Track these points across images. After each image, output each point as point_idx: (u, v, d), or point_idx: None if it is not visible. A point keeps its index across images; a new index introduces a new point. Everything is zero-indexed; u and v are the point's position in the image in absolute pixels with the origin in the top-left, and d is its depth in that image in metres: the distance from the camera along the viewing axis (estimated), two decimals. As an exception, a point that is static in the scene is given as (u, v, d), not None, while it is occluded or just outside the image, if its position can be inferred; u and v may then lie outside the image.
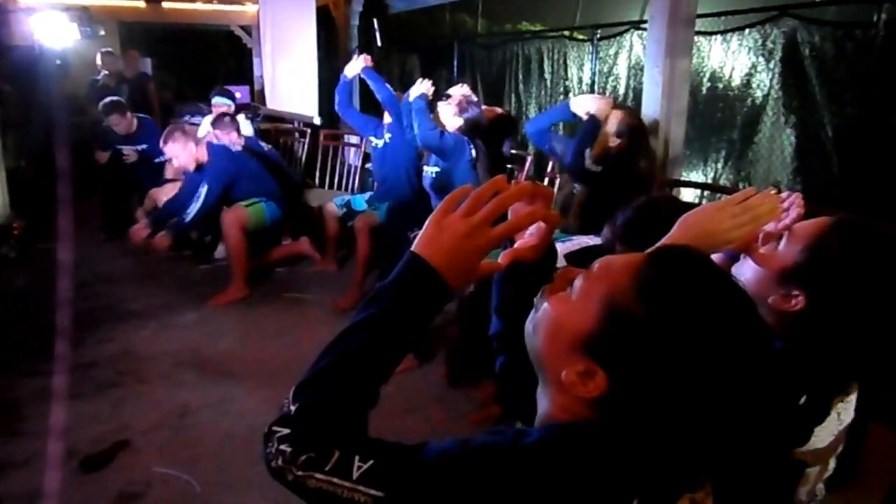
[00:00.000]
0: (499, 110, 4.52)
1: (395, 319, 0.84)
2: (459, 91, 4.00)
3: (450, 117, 3.94)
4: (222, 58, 10.34)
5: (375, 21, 6.33)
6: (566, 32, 6.67)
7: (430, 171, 4.04)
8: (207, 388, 3.47)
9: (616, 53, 6.12)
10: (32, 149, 6.15)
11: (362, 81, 5.02)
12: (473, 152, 3.90)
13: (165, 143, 4.63)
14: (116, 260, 5.37)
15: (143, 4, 7.89)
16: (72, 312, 3.99)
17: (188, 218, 4.51)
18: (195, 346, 3.93)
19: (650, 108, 3.83)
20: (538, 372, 0.90)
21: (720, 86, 5.55)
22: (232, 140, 4.71)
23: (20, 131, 6.21)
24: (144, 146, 5.87)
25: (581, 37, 6.64)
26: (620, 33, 6.03)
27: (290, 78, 5.46)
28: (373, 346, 0.83)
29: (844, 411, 1.20)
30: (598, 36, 6.22)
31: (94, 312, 4.34)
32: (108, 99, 5.84)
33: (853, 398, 1.22)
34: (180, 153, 4.62)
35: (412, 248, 0.86)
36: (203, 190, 4.49)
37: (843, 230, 1.15)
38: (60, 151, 4.43)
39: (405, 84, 8.38)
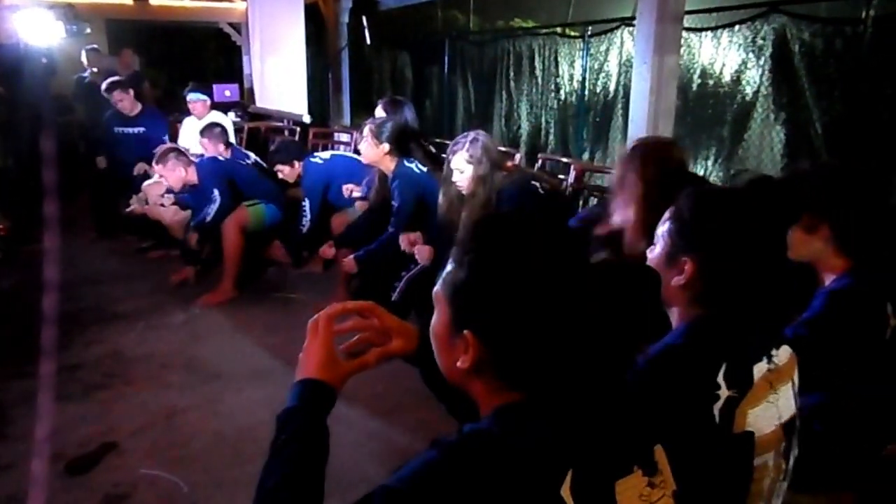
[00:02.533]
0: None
1: (308, 426, 1.09)
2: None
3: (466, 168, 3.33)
4: (212, 56, 10.34)
5: (364, 18, 6.34)
6: (558, 29, 6.70)
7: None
8: (195, 388, 3.48)
9: (607, 50, 6.15)
10: (19, 148, 6.14)
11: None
12: None
13: (157, 163, 4.67)
14: (105, 260, 5.38)
15: (130, 1, 7.88)
16: (59, 314, 3.98)
17: (209, 217, 4.58)
18: (183, 347, 3.95)
19: (638, 105, 3.86)
20: (463, 389, 0.99)
21: (710, 83, 5.58)
22: (219, 152, 4.78)
23: (6, 131, 6.20)
24: (142, 129, 5.86)
25: (573, 33, 6.67)
26: (612, 30, 6.06)
27: (278, 76, 5.48)
28: (298, 457, 1.04)
29: (783, 399, 1.28)
30: (590, 32, 6.25)
31: (81, 314, 4.35)
32: (110, 78, 5.88)
33: (787, 388, 1.30)
34: (169, 175, 4.66)
35: (297, 378, 1.14)
36: (215, 194, 4.56)
37: (688, 197, 1.35)
38: (47, 151, 4.43)
39: (397, 82, 8.45)
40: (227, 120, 5.86)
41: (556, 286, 0.89)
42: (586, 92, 6.26)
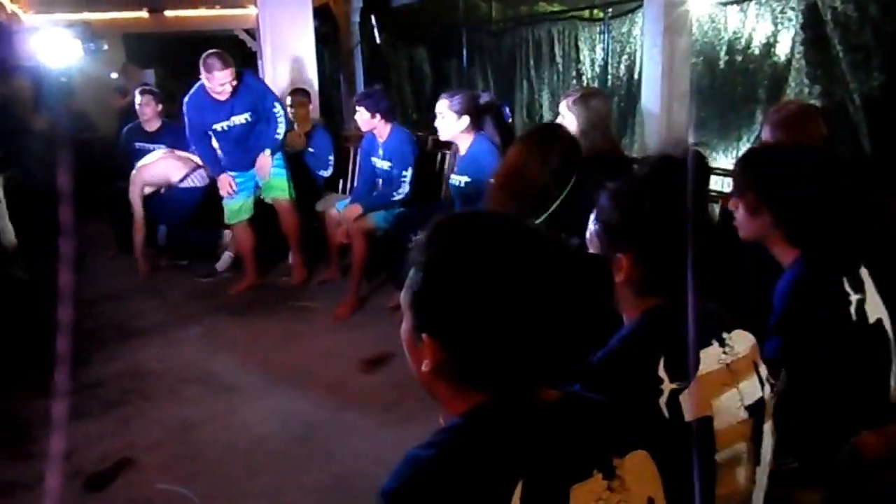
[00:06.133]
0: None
1: None
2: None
3: (454, 123, 4.01)
4: (235, 61, 10.54)
5: (373, 17, 6.45)
6: (577, 13, 6.72)
7: (458, 179, 4.09)
8: (210, 401, 3.64)
9: (629, 32, 6.13)
10: (39, 168, 6.41)
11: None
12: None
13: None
14: (124, 276, 5.60)
15: (145, 15, 8.15)
16: (80, 331, 4.22)
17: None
18: (199, 360, 4.13)
19: (651, 90, 3.88)
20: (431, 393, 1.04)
21: (739, 58, 5.53)
22: None
23: (25, 151, 6.47)
24: (163, 145, 6.06)
25: (592, 16, 6.67)
26: (633, 10, 6.04)
27: (289, 79, 5.64)
28: None
29: (746, 384, 1.34)
30: (610, 14, 6.25)
31: (101, 331, 4.55)
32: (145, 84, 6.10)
33: (750, 373, 1.35)
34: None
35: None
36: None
37: (605, 197, 1.45)
38: (66, 169, 4.65)
39: (415, 77, 8.56)
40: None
41: (508, 286, 0.92)
42: (609, 76, 6.27)
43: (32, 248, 5.53)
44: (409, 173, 4.50)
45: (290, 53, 5.68)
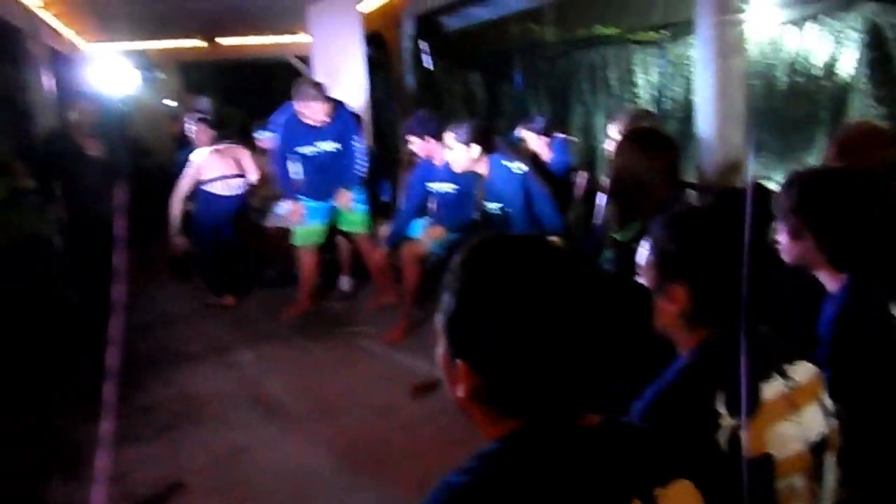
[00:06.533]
0: None
1: None
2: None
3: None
4: (285, 90, 10.83)
5: (424, 42, 6.55)
6: (631, 35, 6.68)
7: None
8: (260, 426, 3.67)
9: (685, 54, 6.07)
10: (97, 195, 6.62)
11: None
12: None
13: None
14: (178, 301, 5.73)
15: (201, 44, 8.41)
16: (133, 355, 4.33)
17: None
18: (250, 384, 4.18)
19: (704, 112, 3.84)
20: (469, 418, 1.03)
21: (799, 80, 5.43)
22: None
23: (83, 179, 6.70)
24: None
25: (651, 37, 6.62)
26: (689, 32, 5.98)
27: (340, 106, 5.75)
28: None
29: (809, 418, 1.30)
30: (667, 37, 6.20)
31: (154, 355, 4.65)
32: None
33: (813, 407, 1.31)
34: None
35: None
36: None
37: (662, 225, 1.43)
38: (122, 197, 4.80)
39: (469, 103, 8.60)
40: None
41: (537, 310, 0.91)
42: (665, 100, 6.21)
43: (88, 273, 5.73)
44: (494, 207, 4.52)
45: (341, 80, 5.80)
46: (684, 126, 6.12)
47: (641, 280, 1.46)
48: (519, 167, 4.02)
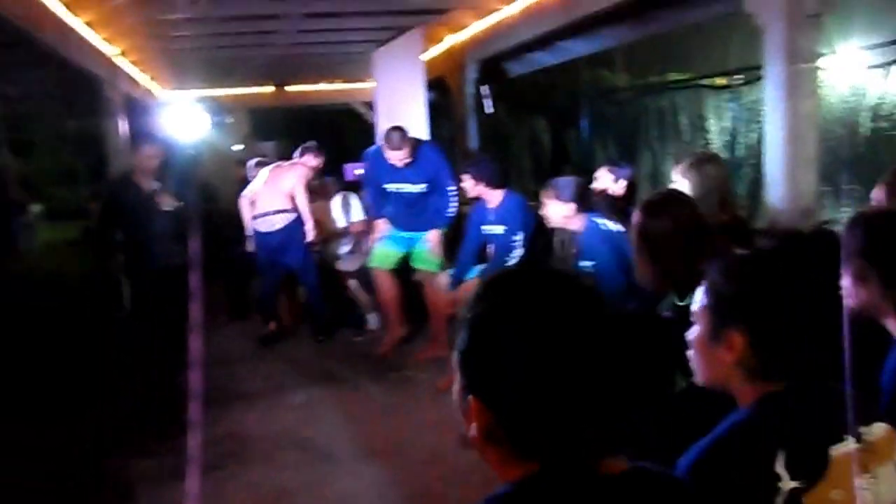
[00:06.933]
0: None
1: None
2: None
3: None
4: (350, 135, 11.10)
5: (486, 87, 6.62)
6: (704, 80, 6.63)
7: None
8: (307, 470, 3.62)
9: (759, 99, 5.97)
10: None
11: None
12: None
13: None
14: (235, 341, 5.80)
15: (270, 90, 8.70)
16: (187, 394, 4.37)
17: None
18: (299, 427, 4.15)
19: (774, 155, 3.71)
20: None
21: (885, 124, 5.28)
22: None
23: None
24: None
25: (724, 82, 6.56)
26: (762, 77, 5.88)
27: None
28: None
29: (884, 482, 1.20)
30: (739, 81, 6.13)
31: (207, 393, 4.69)
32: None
33: (889, 470, 1.20)
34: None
35: None
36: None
37: (719, 268, 1.35)
38: (194, 238, 4.94)
39: (534, 148, 8.64)
40: (355, 198, 6.25)
41: (550, 345, 0.86)
42: (738, 145, 6.10)
43: (150, 315, 5.87)
44: (520, 237, 4.47)
45: (402, 124, 5.90)
46: (758, 173, 5.99)
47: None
48: (614, 226, 3.94)
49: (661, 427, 1.37)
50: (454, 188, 5.01)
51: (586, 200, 3.98)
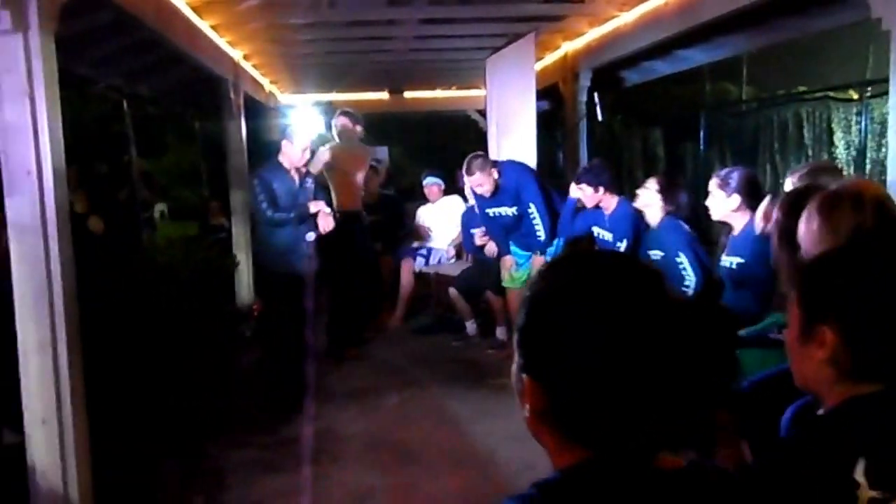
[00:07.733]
0: None
1: None
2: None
3: (723, 202, 3.69)
4: (467, 141, 11.23)
5: (596, 95, 6.55)
6: (830, 93, 6.33)
7: (729, 260, 3.86)
8: (395, 471, 3.70)
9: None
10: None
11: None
12: None
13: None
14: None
15: (386, 96, 8.90)
16: (286, 391, 4.56)
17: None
18: (392, 428, 4.25)
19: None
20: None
21: None
22: None
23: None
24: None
25: (853, 95, 6.25)
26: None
27: (510, 156, 5.83)
28: None
29: None
30: (869, 94, 5.83)
31: (305, 392, 4.86)
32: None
33: None
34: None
35: None
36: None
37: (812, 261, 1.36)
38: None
39: (647, 159, 8.46)
40: (460, 202, 6.34)
41: (606, 326, 0.85)
42: (867, 161, 5.78)
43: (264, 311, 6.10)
44: (623, 245, 4.46)
45: (513, 131, 5.91)
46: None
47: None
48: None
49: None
50: (535, 211, 5.12)
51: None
